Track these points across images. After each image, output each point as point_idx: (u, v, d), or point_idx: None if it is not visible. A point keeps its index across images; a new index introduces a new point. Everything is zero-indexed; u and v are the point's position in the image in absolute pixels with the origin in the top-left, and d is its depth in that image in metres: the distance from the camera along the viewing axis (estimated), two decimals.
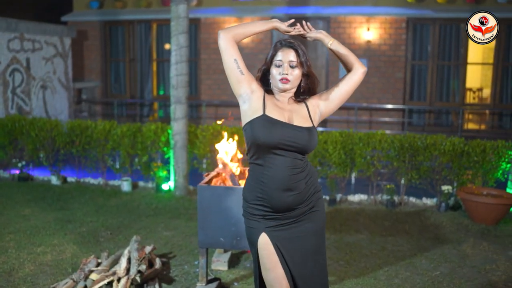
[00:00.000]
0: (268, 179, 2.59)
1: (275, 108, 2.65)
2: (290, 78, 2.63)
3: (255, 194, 2.66)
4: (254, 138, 2.58)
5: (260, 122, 2.58)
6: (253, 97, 2.64)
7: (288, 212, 2.64)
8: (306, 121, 2.66)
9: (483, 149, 6.36)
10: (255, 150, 2.62)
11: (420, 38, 11.59)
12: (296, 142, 2.58)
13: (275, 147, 2.57)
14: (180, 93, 6.73)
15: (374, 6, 11.44)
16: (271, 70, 2.68)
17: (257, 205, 2.66)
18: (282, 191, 2.59)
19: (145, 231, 5.68)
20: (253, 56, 11.89)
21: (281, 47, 2.68)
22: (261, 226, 2.66)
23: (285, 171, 2.58)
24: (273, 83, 2.69)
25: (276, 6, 11.78)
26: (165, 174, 7.07)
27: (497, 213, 5.87)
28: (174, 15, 6.57)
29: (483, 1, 10.93)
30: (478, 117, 12.07)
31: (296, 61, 2.64)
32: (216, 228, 4.10)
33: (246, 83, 2.65)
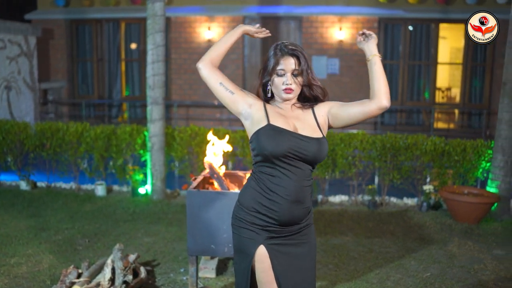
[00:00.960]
0: (279, 190, 2.43)
1: (279, 116, 2.51)
2: (293, 87, 2.49)
3: (260, 202, 2.48)
4: (261, 149, 2.43)
5: (265, 132, 2.43)
6: (253, 110, 2.51)
7: (290, 226, 2.50)
8: (315, 131, 2.50)
9: (463, 149, 6.39)
10: (263, 159, 2.47)
11: (391, 38, 11.67)
12: (305, 152, 2.42)
13: (283, 156, 2.42)
14: (157, 94, 6.51)
15: (346, 5, 11.45)
16: (273, 80, 2.52)
17: (259, 214, 2.49)
18: (293, 202, 2.44)
19: (124, 237, 5.45)
20: (225, 56, 11.65)
21: (282, 55, 2.51)
22: (260, 238, 2.49)
23: (296, 182, 2.44)
24: (275, 93, 2.54)
25: (248, 6, 11.64)
26: (142, 178, 6.83)
27: (479, 212, 5.89)
28: (150, 13, 6.35)
29: (453, 2, 11.06)
30: (447, 116, 12.24)
31: (298, 69, 2.49)
32: (207, 235, 3.94)
33: (240, 100, 2.54)
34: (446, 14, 11.06)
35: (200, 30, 11.63)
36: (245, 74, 11.88)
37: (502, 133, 6.09)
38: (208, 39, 11.59)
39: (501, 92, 6.11)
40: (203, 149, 6.81)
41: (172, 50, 11.99)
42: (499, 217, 6.17)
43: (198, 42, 11.68)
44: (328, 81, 11.61)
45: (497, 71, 11.12)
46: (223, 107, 11.80)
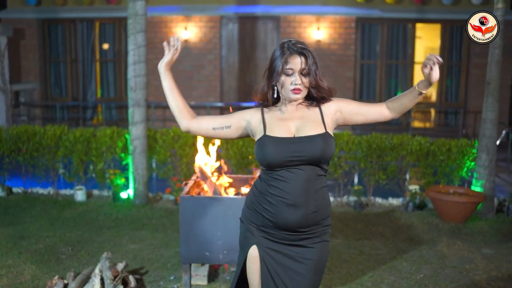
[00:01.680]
0: (278, 192, 2.38)
1: (279, 123, 2.43)
2: (302, 87, 2.40)
3: (258, 202, 2.46)
4: (259, 160, 2.42)
5: (262, 143, 2.40)
6: (252, 125, 2.48)
7: (287, 232, 2.41)
8: (318, 126, 2.41)
9: (448, 148, 6.41)
10: (266, 166, 2.43)
11: (368, 38, 11.70)
12: (304, 154, 2.34)
13: (281, 164, 2.35)
14: (139, 96, 6.34)
15: (323, 5, 11.43)
16: (281, 79, 2.42)
17: (257, 212, 2.47)
18: (287, 206, 2.36)
19: (109, 244, 5.27)
20: (202, 57, 11.59)
21: (291, 54, 2.41)
22: (254, 237, 2.47)
23: (297, 185, 2.35)
24: (282, 93, 2.45)
25: (225, 5, 11.51)
26: (123, 182, 6.64)
27: (466, 212, 5.92)
28: (131, 12, 6.17)
29: (429, 2, 11.16)
30: (423, 115, 12.35)
31: (307, 68, 2.40)
32: (201, 242, 3.81)
33: (239, 124, 2.51)
34: (423, 14, 11.16)
35: (176, 30, 11.45)
36: (222, 75, 11.76)
37: (486, 132, 6.12)
38: (185, 39, 11.42)
39: (485, 92, 6.15)
40: (186, 152, 6.68)
41: (148, 50, 11.68)
42: (484, 215, 6.21)
43: None
44: None
45: (473, 71, 11.28)
46: (199, 108, 11.65)
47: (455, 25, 11.31)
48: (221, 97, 11.77)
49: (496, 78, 6.04)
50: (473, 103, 11.31)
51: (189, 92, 11.66)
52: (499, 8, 5.96)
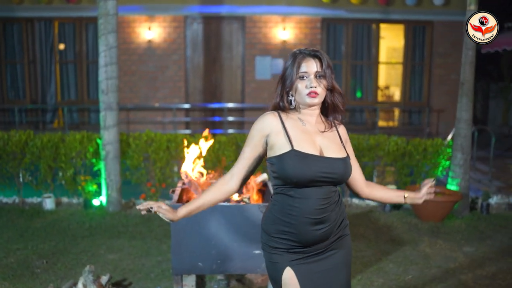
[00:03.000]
0: (298, 212, 2.25)
1: (303, 136, 2.29)
2: (318, 90, 2.27)
3: (280, 227, 2.31)
4: (285, 176, 2.23)
5: (290, 158, 2.22)
6: (273, 137, 2.29)
7: (316, 245, 2.32)
8: (340, 150, 2.34)
9: (424, 148, 6.48)
10: (285, 183, 2.27)
11: (334, 38, 11.76)
12: (331, 175, 2.25)
13: (309, 182, 2.23)
14: (111, 99, 6.10)
15: (289, 5, 11.39)
16: (296, 85, 2.30)
17: (281, 239, 2.32)
18: (313, 225, 2.26)
19: (86, 255, 5.03)
20: (166, 57, 11.34)
21: (304, 57, 2.31)
22: (285, 260, 2.32)
23: (317, 203, 2.25)
24: (298, 100, 2.32)
25: (190, 5, 11.30)
26: (95, 188, 6.38)
27: (444, 211, 5.99)
28: (102, 12, 5.93)
29: (393, 3, 11.31)
30: (387, 114, 12.52)
31: (322, 71, 2.30)
32: (194, 252, 3.67)
33: (261, 150, 2.34)
34: (386, 15, 11.29)
35: (139, 30, 11.16)
36: (187, 75, 11.54)
37: (461, 132, 6.22)
38: (148, 40, 11.14)
39: (459, 92, 6.24)
40: (160, 156, 6.50)
41: None
42: (460, 214, 6.30)
43: (138, 43, 11.20)
44: (272, 82, 11.51)
45: (435, 70, 11.52)
46: (165, 110, 11.41)
47: (418, 26, 11.51)
48: (186, 98, 11.56)
49: (470, 78, 6.14)
50: (436, 102, 11.55)
51: (153, 93, 11.40)
52: (471, 10, 6.05)
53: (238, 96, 11.71)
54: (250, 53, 11.49)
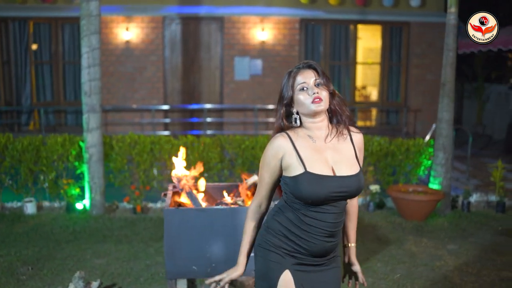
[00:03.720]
0: (316, 224, 2.26)
1: (314, 155, 2.27)
2: (322, 96, 2.26)
3: (291, 229, 2.31)
4: (299, 196, 2.25)
5: (304, 180, 2.22)
6: (286, 159, 2.28)
7: (319, 258, 2.34)
8: (353, 165, 2.31)
9: (407, 148, 6.57)
10: (298, 201, 2.28)
11: (312, 38, 11.83)
12: (345, 194, 2.26)
13: (323, 201, 2.24)
14: (94, 101, 6.01)
15: (267, 6, 11.41)
16: (297, 98, 2.29)
17: (288, 239, 2.32)
18: (327, 237, 2.28)
19: (72, 261, 4.95)
20: (144, 58, 11.23)
21: (298, 70, 2.32)
22: (286, 263, 2.32)
23: (331, 218, 2.27)
24: (303, 112, 2.29)
25: (168, 5, 11.22)
26: (78, 192, 6.28)
27: (427, 209, 6.09)
28: (84, 13, 5.83)
29: (370, 4, 11.44)
30: (365, 114, 12.65)
31: (320, 79, 2.29)
32: (188, 256, 3.64)
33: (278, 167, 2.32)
34: (364, 16, 11.41)
35: (117, 31, 11.02)
36: (165, 76, 11.45)
37: (442, 132, 6.33)
38: (126, 40, 11.01)
39: (440, 93, 6.35)
40: (144, 158, 6.44)
41: None
42: (442, 212, 6.42)
43: (116, 44, 11.06)
44: (251, 82, 11.53)
45: (412, 71, 11.69)
46: (143, 111, 11.31)
47: (395, 26, 11.67)
48: (165, 99, 11.47)
49: (451, 79, 6.25)
50: (413, 102, 11.73)
51: (131, 94, 11.28)
52: (452, 12, 6.17)
53: (217, 97, 11.68)
54: (229, 54, 11.47)
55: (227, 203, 3.94)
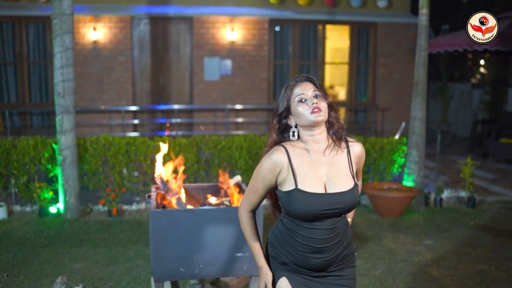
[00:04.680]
0: (301, 239, 2.28)
1: (309, 171, 2.27)
2: (321, 106, 2.25)
3: (282, 245, 2.36)
4: (290, 211, 2.27)
5: (294, 197, 2.23)
6: (283, 174, 2.27)
7: (312, 272, 2.35)
8: (347, 179, 2.30)
9: (381, 146, 6.68)
10: (295, 218, 2.30)
11: (281, 38, 11.88)
12: (336, 210, 2.26)
13: (313, 219, 2.25)
14: (68, 102, 5.88)
15: (237, 6, 11.41)
16: (296, 110, 2.28)
17: (281, 255, 2.37)
18: (311, 253, 2.28)
19: (49, 266, 4.82)
20: (112, 58, 11.04)
21: (297, 83, 2.33)
22: (283, 271, 2.38)
23: (321, 233, 2.26)
24: (302, 123, 2.29)
25: (136, 5, 11.07)
26: (51, 195, 6.12)
27: (403, 206, 6.21)
28: (57, 11, 5.69)
29: (338, 4, 11.58)
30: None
31: (318, 91, 2.31)
32: (175, 258, 3.61)
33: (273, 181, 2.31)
34: (332, 16, 11.54)
35: (84, 30, 10.79)
36: (134, 77, 11.29)
37: (416, 130, 6.46)
38: (94, 41, 10.80)
39: (413, 92, 6.48)
40: (119, 160, 6.34)
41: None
42: (416, 208, 6.56)
43: (83, 44, 10.82)
44: (221, 83, 11.50)
45: (379, 70, 11.89)
46: (112, 112, 11.12)
47: (363, 27, 11.84)
48: (134, 100, 11.31)
49: (423, 78, 6.39)
50: (381, 101, 11.93)
51: (100, 95, 11.07)
52: (423, 13, 6.31)
53: (187, 98, 11.60)
54: (198, 54, 11.41)
55: (212, 204, 3.92)
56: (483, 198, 7.19)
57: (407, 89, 12.01)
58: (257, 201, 2.41)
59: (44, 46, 10.93)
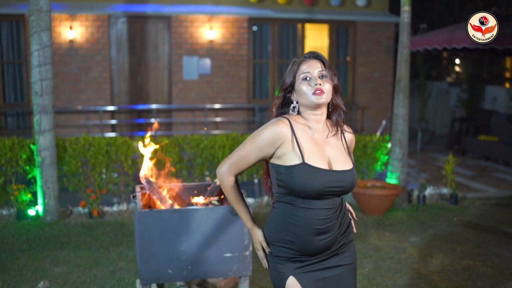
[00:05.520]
0: (302, 222, 2.22)
1: (313, 147, 2.23)
2: (324, 88, 2.22)
3: (282, 236, 2.27)
4: (292, 187, 2.19)
5: (299, 171, 2.17)
6: (284, 148, 2.21)
7: (319, 254, 2.30)
8: (347, 160, 2.30)
9: (364, 144, 6.67)
10: (289, 193, 2.23)
11: (260, 37, 11.83)
12: (338, 188, 2.22)
13: (317, 195, 2.20)
14: (46, 101, 5.72)
15: (215, 5, 11.32)
16: (298, 88, 2.26)
17: (283, 247, 2.28)
18: (316, 235, 2.23)
19: (29, 271, 4.66)
20: (89, 58, 10.83)
21: (304, 59, 2.30)
22: (288, 269, 2.29)
23: (322, 213, 2.22)
24: (303, 102, 2.26)
25: (113, 3, 10.89)
26: (30, 197, 5.94)
27: (387, 204, 6.21)
28: (34, 8, 5.53)
29: (317, 3, 11.58)
30: None
31: (325, 71, 2.27)
32: (163, 259, 3.51)
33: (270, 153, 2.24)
34: (312, 15, 11.54)
35: (60, 29, 10.56)
36: (112, 76, 11.10)
37: (399, 127, 6.47)
38: (70, 40, 10.58)
39: (396, 89, 6.49)
40: (100, 161, 6.20)
41: (29, 51, 10.71)
42: (400, 206, 6.57)
43: (59, 43, 10.59)
44: (200, 82, 11.39)
45: (359, 69, 11.92)
46: (89, 113, 10.92)
47: (342, 26, 11.87)
48: (112, 100, 11.12)
49: (406, 76, 6.40)
50: (360, 100, 11.97)
51: (77, 96, 10.85)
52: (405, 11, 6.31)
53: (165, 97, 11.46)
54: (177, 53, 11.27)
55: (200, 203, 3.84)
56: (464, 194, 7.24)
57: (387, 87, 12.12)
58: (244, 168, 2.33)
59: (18, 45, 10.67)
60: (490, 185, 7.93)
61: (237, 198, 2.36)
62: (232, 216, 3.56)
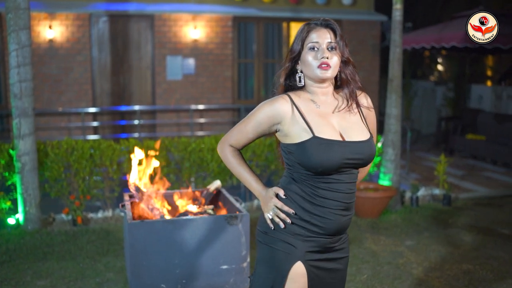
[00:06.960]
0: (331, 195, 2.06)
1: (321, 120, 2.09)
2: (331, 63, 2.07)
3: (304, 208, 2.08)
4: (307, 164, 2.03)
5: (312, 146, 2.02)
6: (287, 125, 2.08)
7: (335, 237, 2.14)
8: (362, 130, 2.15)
9: None
10: (307, 171, 2.06)
11: (245, 36, 11.63)
12: (357, 160, 2.08)
13: (336, 169, 2.05)
14: (26, 104, 5.44)
15: (199, 4, 11.09)
16: (304, 57, 2.10)
17: (302, 221, 2.09)
18: (343, 210, 2.10)
19: (9, 285, 4.40)
20: (70, 58, 10.51)
21: (315, 26, 2.12)
22: (298, 252, 2.09)
23: (346, 188, 2.09)
24: (307, 73, 2.12)
25: (94, 2, 10.58)
26: (9, 205, 5.66)
27: (381, 206, 6.07)
28: (11, 5, 5.25)
29: (303, 2, 11.42)
30: None
31: (335, 42, 2.10)
32: (156, 273, 3.30)
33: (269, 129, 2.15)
34: (297, 14, 11.38)
35: (39, 29, 10.22)
36: (93, 77, 10.80)
37: (391, 128, 6.34)
38: (50, 39, 10.26)
39: (388, 89, 6.36)
40: (83, 166, 5.94)
41: (6, 51, 10.36)
42: (393, 208, 6.43)
43: (38, 43, 10.25)
44: (184, 82, 11.15)
45: None
46: (70, 115, 10.60)
47: None
48: (94, 101, 10.81)
49: (398, 75, 6.27)
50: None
51: (58, 97, 10.53)
52: (397, 9, 6.18)
53: (149, 98, 11.20)
54: (160, 53, 11.02)
55: (194, 213, 3.63)
56: (456, 195, 7.14)
57: (373, 87, 12.02)
58: (244, 143, 2.20)
59: None
60: (480, 185, 7.85)
61: (239, 162, 2.22)
62: (228, 225, 3.36)
